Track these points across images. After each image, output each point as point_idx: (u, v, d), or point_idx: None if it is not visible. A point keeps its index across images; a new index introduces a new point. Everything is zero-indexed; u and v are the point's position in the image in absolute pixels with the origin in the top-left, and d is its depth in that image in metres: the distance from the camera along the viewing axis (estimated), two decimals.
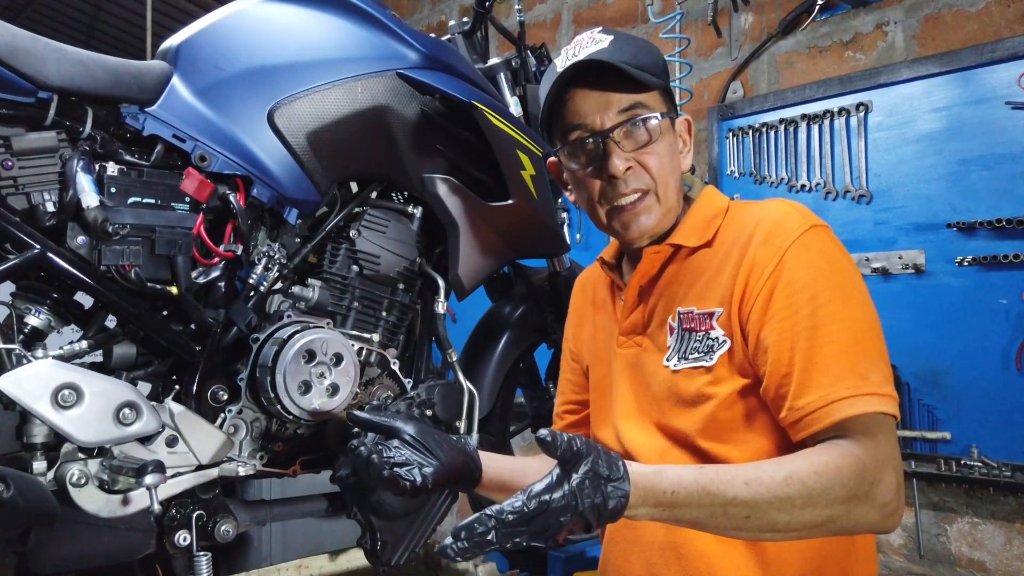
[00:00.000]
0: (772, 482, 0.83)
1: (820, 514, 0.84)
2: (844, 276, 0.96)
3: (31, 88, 1.11)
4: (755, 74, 2.90)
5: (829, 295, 0.93)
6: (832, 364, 0.90)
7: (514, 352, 1.83)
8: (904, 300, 2.38)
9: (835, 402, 0.89)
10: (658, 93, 1.07)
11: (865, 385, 0.89)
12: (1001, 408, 2.22)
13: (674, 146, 1.09)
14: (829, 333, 0.91)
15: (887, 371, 0.92)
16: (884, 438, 0.88)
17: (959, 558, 2.31)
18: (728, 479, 0.84)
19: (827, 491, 0.83)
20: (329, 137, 1.34)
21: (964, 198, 2.32)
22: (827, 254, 0.96)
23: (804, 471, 0.84)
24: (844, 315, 0.92)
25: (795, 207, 1.01)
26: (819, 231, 0.98)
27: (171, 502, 1.23)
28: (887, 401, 0.89)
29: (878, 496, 0.86)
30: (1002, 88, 2.25)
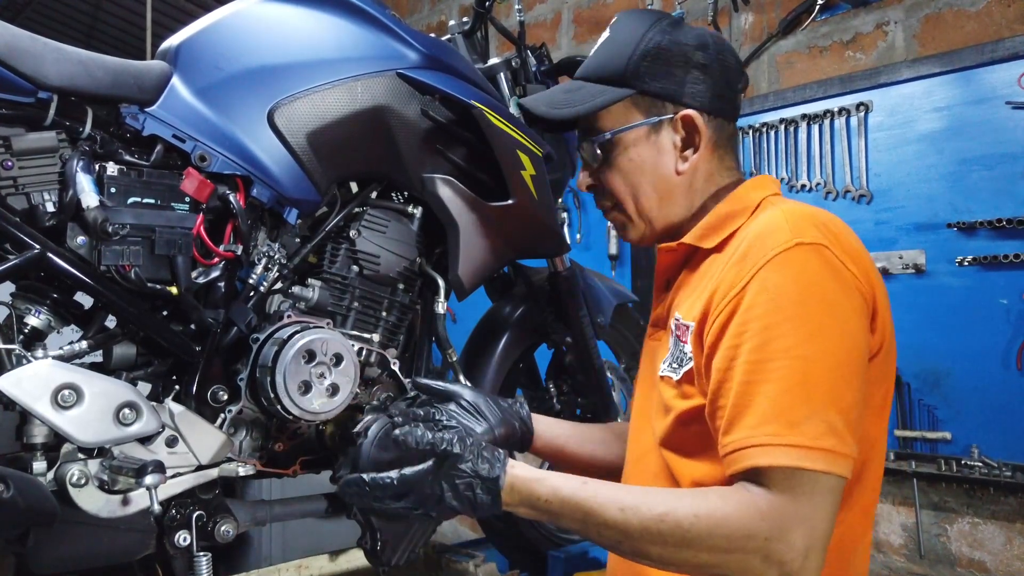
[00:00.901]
0: (647, 515, 0.83)
1: (696, 557, 0.81)
2: (817, 305, 0.84)
3: (31, 88, 1.10)
4: (755, 74, 2.90)
5: (788, 327, 0.83)
6: (763, 405, 0.82)
7: (514, 352, 1.82)
8: (904, 300, 2.38)
9: (750, 447, 0.81)
10: (630, 101, 1.03)
11: (790, 434, 0.79)
12: (1001, 408, 2.22)
13: (652, 155, 1.04)
14: (773, 370, 0.82)
15: (837, 421, 0.80)
16: (806, 496, 0.79)
17: (959, 558, 2.31)
18: (605, 501, 0.85)
19: (703, 537, 0.80)
20: (329, 137, 1.34)
21: (964, 198, 2.32)
22: (803, 278, 0.85)
23: (683, 511, 0.81)
24: (798, 352, 0.82)
25: (790, 218, 0.91)
26: (802, 250, 0.86)
27: (171, 502, 1.23)
28: (817, 456, 0.79)
29: (774, 554, 0.78)
30: (1002, 88, 2.25)
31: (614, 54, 1.05)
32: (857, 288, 0.87)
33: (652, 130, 1.04)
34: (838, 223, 0.94)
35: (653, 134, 1.04)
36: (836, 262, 0.86)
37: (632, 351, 2.11)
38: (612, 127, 1.05)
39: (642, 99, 1.04)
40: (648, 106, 1.04)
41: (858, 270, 0.88)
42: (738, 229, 0.99)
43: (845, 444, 0.80)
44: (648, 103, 1.04)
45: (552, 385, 1.96)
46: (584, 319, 1.85)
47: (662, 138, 1.04)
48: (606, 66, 1.05)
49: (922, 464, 2.36)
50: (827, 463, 0.79)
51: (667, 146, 1.04)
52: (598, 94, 1.04)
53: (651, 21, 1.05)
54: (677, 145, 1.05)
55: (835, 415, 0.80)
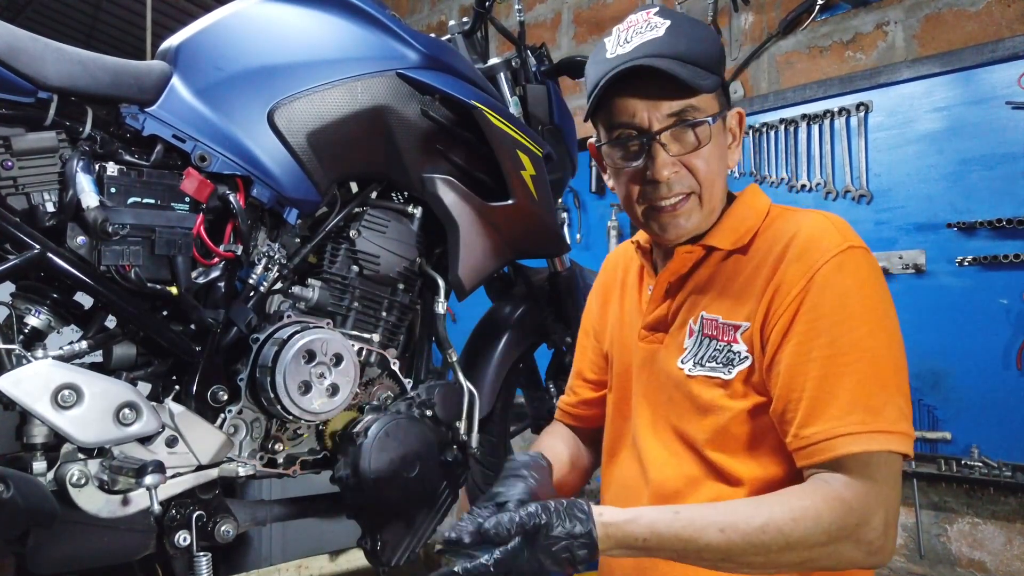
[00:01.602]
0: (748, 529, 0.85)
1: (798, 556, 0.85)
2: (873, 303, 0.92)
3: (31, 88, 1.10)
4: (755, 74, 2.90)
5: (854, 322, 0.90)
6: (844, 395, 0.88)
7: (514, 352, 1.82)
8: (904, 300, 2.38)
9: (840, 436, 0.87)
10: (719, 92, 1.04)
11: (876, 421, 0.86)
12: (1001, 408, 2.22)
13: (723, 146, 1.06)
14: (847, 362, 0.89)
15: (905, 406, 0.89)
16: (883, 478, 0.86)
17: (959, 558, 2.31)
18: (703, 526, 0.86)
19: (805, 538, 0.84)
20: (329, 137, 1.34)
21: (964, 198, 2.32)
22: (859, 278, 0.93)
23: (782, 518, 0.84)
24: (866, 344, 0.89)
25: (835, 224, 0.98)
26: (855, 253, 0.94)
27: (171, 502, 1.23)
28: (897, 439, 0.86)
29: (863, 537, 0.85)
30: (1002, 88, 2.25)
31: (700, 37, 1.03)
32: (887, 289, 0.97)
33: (723, 122, 1.06)
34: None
35: (723, 127, 1.06)
36: (876, 265, 0.96)
37: None
38: (709, 112, 1.02)
39: (720, 92, 1.05)
40: (721, 99, 1.05)
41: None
42: (757, 232, 1.04)
43: (911, 426, 0.88)
44: (721, 96, 1.05)
45: (552, 385, 1.96)
46: None
47: (725, 131, 1.07)
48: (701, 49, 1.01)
49: (922, 464, 2.36)
50: (903, 444, 0.86)
51: (726, 140, 1.07)
52: (705, 75, 1.00)
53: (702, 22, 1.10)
54: (731, 139, 1.08)
55: (902, 401, 0.89)
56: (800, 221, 1.00)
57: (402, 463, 1.33)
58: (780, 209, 1.07)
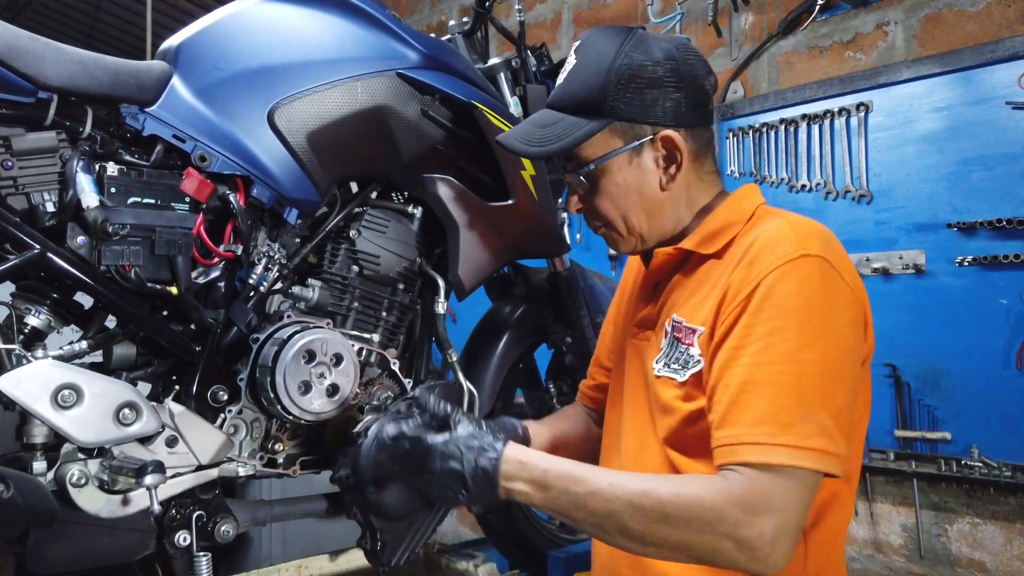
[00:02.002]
0: (631, 489, 0.89)
1: (673, 535, 0.87)
2: (816, 313, 0.90)
3: (31, 88, 1.10)
4: (755, 74, 2.90)
5: (789, 332, 0.88)
6: (760, 404, 0.87)
7: (514, 352, 1.82)
8: (904, 300, 2.38)
9: (744, 444, 0.87)
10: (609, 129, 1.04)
11: (783, 434, 0.85)
12: (1001, 408, 2.22)
13: (637, 177, 1.06)
14: (770, 372, 0.88)
15: (828, 422, 0.86)
16: (783, 490, 0.84)
17: (959, 558, 2.31)
18: (594, 474, 0.92)
19: (679, 515, 0.86)
20: (329, 137, 1.34)
21: (964, 198, 2.32)
22: (806, 287, 0.90)
23: (664, 490, 0.88)
24: (796, 356, 0.88)
25: (796, 230, 0.96)
26: (807, 262, 0.92)
27: (171, 502, 1.23)
28: (804, 455, 0.85)
29: (744, 537, 0.83)
30: (1002, 88, 2.25)
31: (586, 83, 1.05)
32: (855, 299, 0.94)
33: (634, 153, 1.05)
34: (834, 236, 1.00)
35: (635, 157, 1.06)
36: (835, 274, 0.92)
37: None
38: (595, 156, 1.06)
39: (619, 125, 1.05)
40: (626, 131, 1.05)
41: (854, 282, 0.95)
42: (736, 236, 1.03)
43: (835, 444, 0.86)
44: (626, 128, 1.05)
45: (552, 385, 1.96)
46: (584, 319, 1.85)
47: (644, 159, 1.06)
48: (579, 96, 1.06)
49: (922, 464, 2.36)
50: (815, 462, 0.85)
51: (650, 166, 1.06)
52: (575, 127, 1.05)
53: (617, 44, 1.05)
54: (660, 164, 1.06)
55: (826, 417, 0.86)
56: (765, 226, 1.00)
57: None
58: (765, 211, 1.06)
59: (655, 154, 1.06)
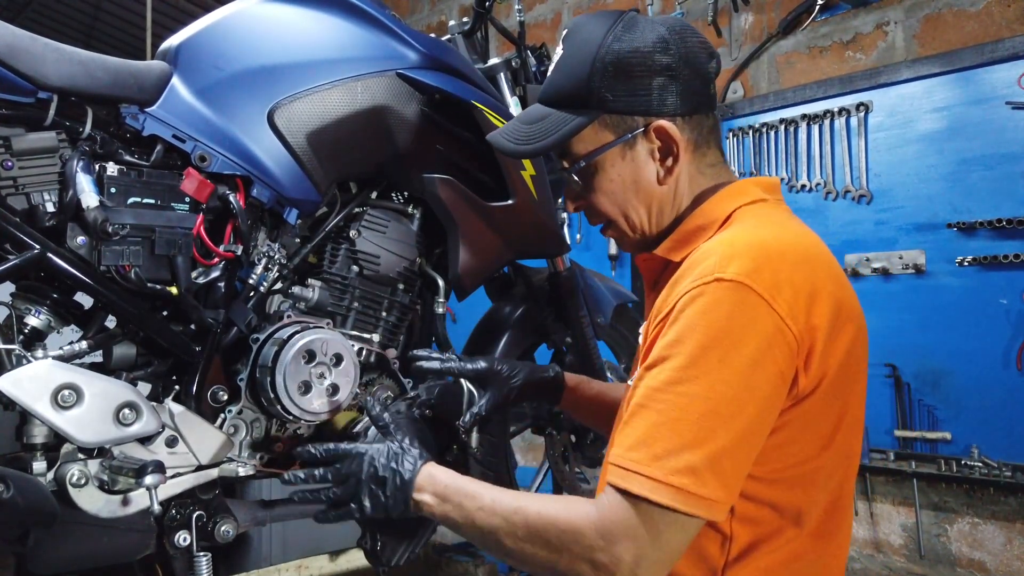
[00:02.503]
0: (506, 508, 0.90)
1: (538, 553, 0.87)
2: (714, 345, 0.82)
3: (31, 88, 1.10)
4: (755, 74, 2.90)
5: (682, 361, 0.83)
6: (638, 430, 0.84)
7: (514, 352, 1.82)
8: (904, 300, 2.38)
9: (615, 466, 0.84)
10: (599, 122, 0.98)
11: (650, 465, 0.81)
12: (1001, 408, 2.22)
13: (632, 171, 1.00)
14: (658, 400, 0.84)
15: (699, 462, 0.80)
16: (643, 519, 0.81)
17: (959, 558, 2.31)
18: (485, 491, 0.94)
19: (541, 535, 0.86)
20: (329, 137, 1.34)
21: (964, 198, 2.32)
22: (709, 316, 0.84)
23: (532, 509, 0.88)
24: (682, 388, 0.83)
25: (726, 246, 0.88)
26: (718, 287, 0.84)
27: (171, 502, 1.23)
28: (666, 491, 0.79)
29: (599, 564, 0.82)
30: (1002, 88, 2.25)
31: (572, 74, 0.99)
32: (776, 330, 0.83)
33: (626, 147, 0.99)
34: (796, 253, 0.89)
35: (628, 150, 0.99)
36: (753, 302, 0.83)
37: (632, 351, 2.11)
38: (585, 152, 1.00)
39: (609, 118, 0.98)
40: (617, 123, 0.99)
41: (788, 310, 0.83)
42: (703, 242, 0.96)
43: (702, 485, 0.80)
44: (617, 120, 0.98)
45: None
46: (584, 319, 1.84)
47: (638, 152, 0.99)
48: (565, 89, 1.00)
49: (922, 464, 2.36)
50: (674, 499, 0.80)
51: (645, 158, 1.00)
52: (562, 123, 0.99)
53: (604, 29, 0.98)
54: (655, 156, 1.00)
55: (698, 457, 0.81)
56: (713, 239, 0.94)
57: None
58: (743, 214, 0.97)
59: (650, 146, 0.99)
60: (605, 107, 0.98)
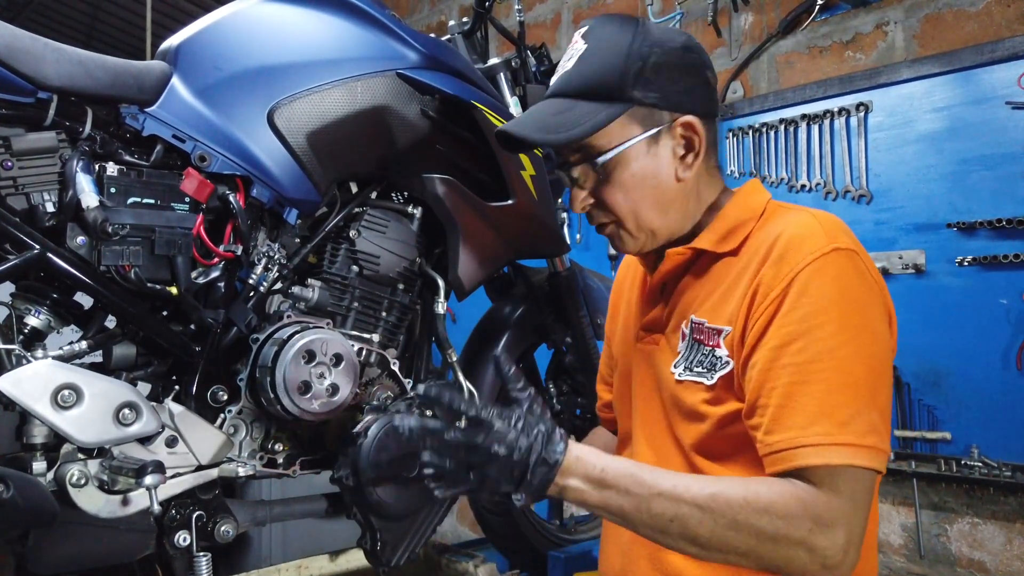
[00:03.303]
0: (699, 492, 0.84)
1: (743, 542, 0.83)
2: (854, 308, 0.88)
3: (31, 88, 1.10)
4: (755, 74, 2.90)
5: (831, 328, 0.86)
6: (810, 405, 0.85)
7: (514, 352, 1.83)
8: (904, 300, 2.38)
9: (801, 447, 0.84)
10: (628, 115, 0.99)
11: (841, 433, 0.83)
12: (1001, 408, 2.22)
13: (653, 166, 1.01)
14: (818, 371, 0.85)
15: (878, 420, 0.85)
16: (847, 492, 0.83)
17: (959, 558, 2.31)
18: (658, 475, 0.87)
19: (751, 522, 0.82)
20: (329, 137, 1.34)
21: (964, 198, 2.32)
22: (841, 282, 0.88)
23: (734, 494, 0.84)
24: (841, 353, 0.86)
25: (822, 223, 0.94)
26: (839, 256, 0.89)
27: (171, 503, 1.23)
28: (864, 453, 0.83)
29: (817, 547, 0.81)
30: (1002, 88, 2.25)
31: (602, 67, 0.99)
32: (881, 293, 0.93)
33: (652, 141, 1.00)
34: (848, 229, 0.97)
35: (653, 145, 1.00)
36: (864, 268, 0.91)
37: None
38: (610, 145, 0.99)
39: (639, 111, 0.99)
40: (645, 117, 1.00)
41: (878, 276, 0.94)
42: (751, 233, 1.00)
43: (884, 441, 0.85)
44: (644, 114, 0.99)
45: (552, 385, 1.96)
46: (584, 319, 1.85)
47: (661, 148, 1.01)
48: (595, 81, 1.00)
49: (922, 464, 2.36)
50: (872, 459, 0.83)
51: (667, 155, 1.01)
52: (594, 112, 0.98)
53: (632, 29, 1.00)
54: (677, 153, 1.02)
55: (875, 414, 0.85)
56: (788, 220, 0.97)
57: (402, 463, 1.33)
58: (776, 206, 1.03)
59: (672, 143, 1.01)
60: (638, 100, 0.99)
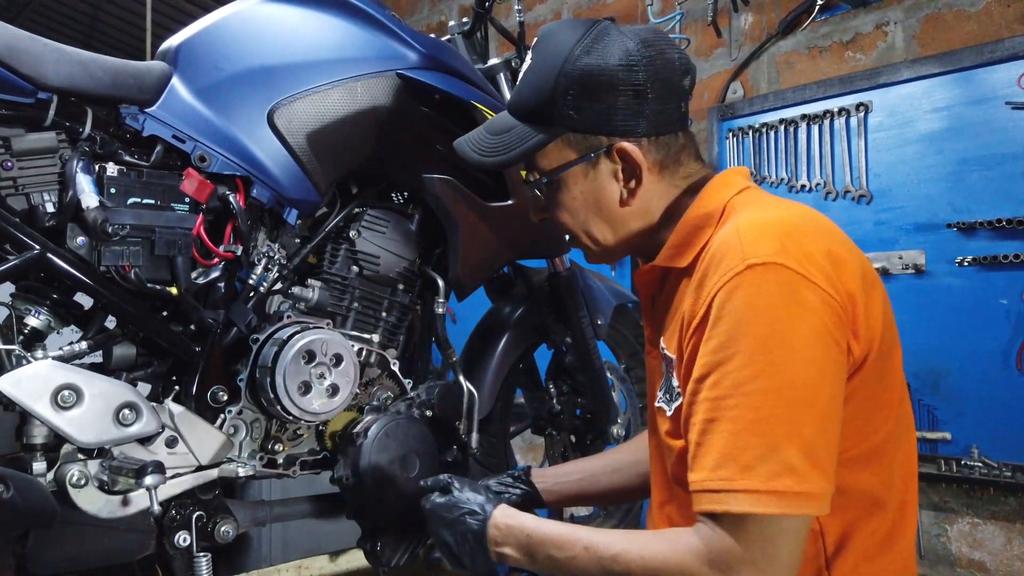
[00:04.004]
0: (603, 555, 0.87)
1: None
2: (769, 333, 0.78)
3: (31, 88, 1.10)
4: (755, 74, 2.90)
5: (740, 360, 0.78)
6: (718, 445, 0.79)
7: (514, 353, 1.82)
8: (904, 300, 2.38)
9: (707, 492, 0.79)
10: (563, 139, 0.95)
11: (743, 478, 0.76)
12: (1001, 408, 2.22)
13: (594, 189, 0.97)
14: (728, 407, 0.78)
15: (796, 457, 0.75)
16: (755, 538, 0.76)
17: (959, 558, 2.31)
18: (575, 539, 0.91)
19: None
20: (329, 137, 1.34)
21: (964, 198, 2.32)
22: (753, 305, 0.79)
23: (633, 554, 0.85)
24: (750, 387, 0.77)
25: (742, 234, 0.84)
26: (753, 273, 0.80)
27: (171, 503, 1.23)
28: (767, 499, 0.75)
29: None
30: (1002, 88, 2.25)
31: (536, 88, 0.95)
32: (822, 302, 0.80)
33: (589, 166, 0.96)
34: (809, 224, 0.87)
35: (591, 169, 0.96)
36: (793, 279, 0.79)
37: (632, 351, 2.11)
38: (548, 167, 0.98)
39: (573, 135, 0.95)
40: (580, 142, 0.95)
41: (826, 279, 0.81)
42: (707, 244, 0.91)
43: (804, 482, 0.76)
44: (580, 139, 0.95)
45: (552, 385, 1.96)
46: (584, 319, 1.84)
47: (601, 171, 0.96)
48: (530, 103, 0.97)
49: (922, 464, 2.36)
50: (781, 505, 0.75)
51: (608, 179, 0.97)
52: (525, 138, 0.97)
53: (573, 41, 0.93)
54: (619, 177, 0.96)
55: (793, 452, 0.76)
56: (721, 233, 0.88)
57: (402, 463, 1.33)
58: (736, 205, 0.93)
59: (613, 167, 0.96)
60: (567, 125, 0.94)
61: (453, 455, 1.47)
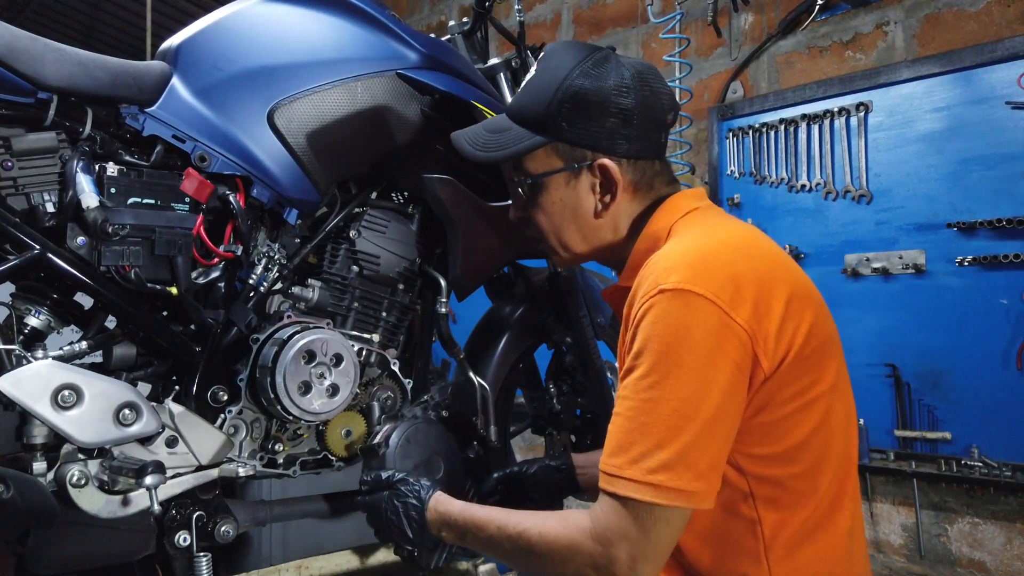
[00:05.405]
0: (510, 532, 0.98)
1: (547, 570, 0.96)
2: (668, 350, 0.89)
3: (31, 88, 1.10)
4: (755, 74, 2.90)
5: (643, 370, 0.91)
6: (615, 437, 0.92)
7: (514, 352, 1.82)
8: (904, 300, 2.38)
9: (603, 474, 0.92)
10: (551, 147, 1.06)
11: (629, 468, 0.88)
12: (1001, 408, 2.22)
13: (573, 198, 1.07)
14: (627, 407, 0.92)
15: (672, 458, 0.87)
16: (637, 520, 0.88)
17: (959, 558, 2.31)
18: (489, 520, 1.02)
19: (546, 554, 0.95)
20: (329, 137, 1.34)
21: (964, 198, 2.32)
22: (660, 325, 0.90)
23: (533, 531, 0.96)
24: (646, 395, 0.90)
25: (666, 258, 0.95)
26: (663, 298, 0.91)
27: (171, 503, 1.23)
28: (645, 489, 0.87)
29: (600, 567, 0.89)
30: (1002, 88, 2.25)
31: (536, 98, 1.07)
32: (722, 324, 0.89)
33: (571, 175, 1.07)
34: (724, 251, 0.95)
35: (573, 179, 1.07)
36: (696, 303, 0.89)
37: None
38: (535, 170, 1.08)
39: (562, 145, 1.06)
40: (567, 152, 1.06)
41: (730, 303, 0.90)
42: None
43: (678, 479, 0.87)
44: (567, 149, 1.06)
45: (552, 385, 1.96)
46: (584, 319, 1.84)
47: (581, 183, 1.07)
48: (528, 109, 1.07)
49: (922, 464, 2.36)
50: (656, 496, 0.87)
51: (586, 190, 1.07)
52: (518, 140, 1.07)
53: (575, 61, 1.05)
54: (596, 190, 1.07)
55: (670, 453, 0.87)
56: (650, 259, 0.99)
57: (427, 467, 1.34)
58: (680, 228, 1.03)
59: (592, 180, 1.07)
60: (558, 135, 1.05)
61: (475, 451, 1.48)
